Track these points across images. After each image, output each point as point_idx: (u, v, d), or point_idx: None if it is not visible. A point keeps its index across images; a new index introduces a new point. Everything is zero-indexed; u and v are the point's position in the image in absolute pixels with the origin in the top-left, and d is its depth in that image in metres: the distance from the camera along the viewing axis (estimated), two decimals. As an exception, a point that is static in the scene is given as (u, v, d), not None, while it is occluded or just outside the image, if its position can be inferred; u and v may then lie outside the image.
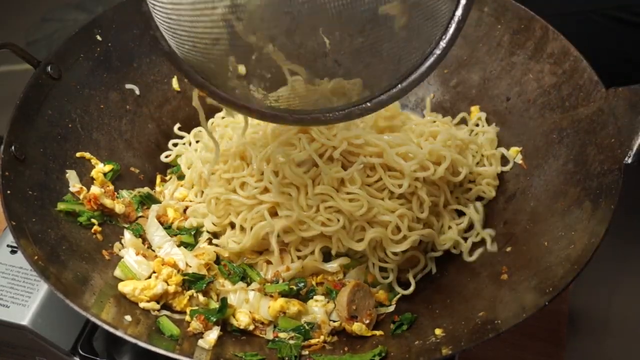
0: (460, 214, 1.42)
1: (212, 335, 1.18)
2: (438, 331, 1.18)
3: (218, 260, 1.34)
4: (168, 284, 1.24)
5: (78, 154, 1.39)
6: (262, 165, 1.29)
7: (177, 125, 1.57)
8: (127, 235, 1.33)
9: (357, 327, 1.23)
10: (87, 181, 1.38)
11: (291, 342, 1.21)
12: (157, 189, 1.48)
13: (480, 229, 1.38)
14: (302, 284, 1.29)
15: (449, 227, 1.38)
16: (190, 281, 1.27)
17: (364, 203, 1.27)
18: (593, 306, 1.74)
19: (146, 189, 1.44)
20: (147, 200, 1.41)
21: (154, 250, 1.33)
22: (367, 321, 1.24)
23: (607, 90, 1.27)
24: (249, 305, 1.27)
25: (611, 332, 1.74)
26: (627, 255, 1.85)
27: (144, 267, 1.26)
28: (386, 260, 1.32)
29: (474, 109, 1.52)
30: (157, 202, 1.43)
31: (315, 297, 1.29)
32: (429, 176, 1.33)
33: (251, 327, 1.24)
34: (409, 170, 1.30)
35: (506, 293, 1.20)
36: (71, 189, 1.34)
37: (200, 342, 1.17)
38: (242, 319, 1.24)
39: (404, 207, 1.31)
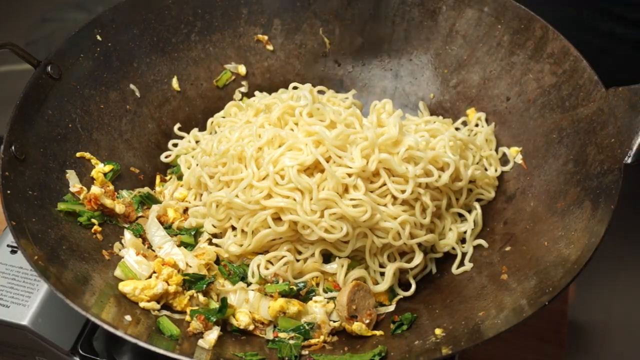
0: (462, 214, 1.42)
1: (212, 335, 1.18)
2: (438, 331, 1.18)
3: (218, 260, 1.34)
4: (168, 284, 1.24)
5: (78, 154, 1.39)
6: (268, 167, 1.29)
7: (177, 125, 1.57)
8: (127, 235, 1.33)
9: (357, 327, 1.23)
10: (87, 181, 1.38)
11: (291, 342, 1.21)
12: (157, 189, 1.48)
13: (471, 242, 1.38)
14: (302, 284, 1.29)
15: (450, 230, 1.38)
16: (191, 281, 1.26)
17: (368, 209, 1.26)
18: (594, 306, 1.74)
19: (146, 189, 1.44)
20: (147, 201, 1.41)
21: (154, 251, 1.33)
22: (367, 321, 1.24)
23: (607, 90, 1.27)
24: (248, 305, 1.26)
25: (611, 331, 1.74)
26: (627, 256, 1.84)
27: (144, 267, 1.26)
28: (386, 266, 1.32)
29: (470, 111, 1.52)
30: (157, 202, 1.43)
31: (315, 297, 1.29)
32: (433, 182, 1.33)
33: (251, 327, 1.24)
34: (412, 175, 1.29)
35: (506, 293, 1.20)
36: (71, 189, 1.33)
37: (200, 342, 1.17)
38: (242, 319, 1.23)
39: (406, 213, 1.30)
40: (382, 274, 1.31)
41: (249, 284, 1.30)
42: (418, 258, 1.32)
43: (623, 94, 1.23)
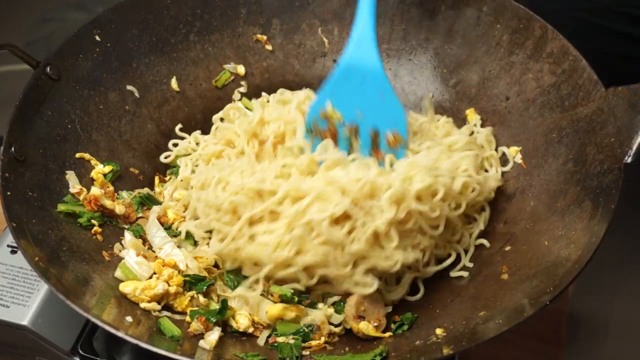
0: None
1: (213, 335, 1.18)
2: (439, 331, 1.18)
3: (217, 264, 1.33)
4: (169, 285, 1.24)
5: (78, 155, 1.39)
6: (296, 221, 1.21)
7: (179, 125, 1.57)
8: (128, 236, 1.33)
9: (363, 326, 1.21)
10: (87, 182, 1.37)
11: (292, 342, 1.20)
12: (157, 189, 1.47)
13: (473, 242, 1.37)
14: (305, 296, 1.26)
15: (462, 235, 1.37)
16: (191, 282, 1.26)
17: (400, 260, 1.23)
18: (594, 307, 1.74)
19: (146, 190, 1.43)
20: (147, 201, 1.41)
21: (154, 252, 1.33)
22: (376, 324, 1.23)
23: (606, 89, 1.27)
24: (248, 308, 1.25)
25: (611, 332, 1.74)
26: (628, 256, 1.84)
27: (144, 268, 1.26)
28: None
29: (470, 111, 1.52)
30: (157, 202, 1.43)
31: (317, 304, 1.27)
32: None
33: (250, 330, 1.23)
34: (446, 213, 1.27)
35: (506, 293, 1.20)
36: (71, 190, 1.33)
37: (201, 342, 1.17)
38: (241, 322, 1.23)
39: (432, 239, 1.29)
40: (397, 279, 1.30)
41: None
42: (434, 268, 1.32)
43: (622, 93, 1.23)
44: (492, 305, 1.19)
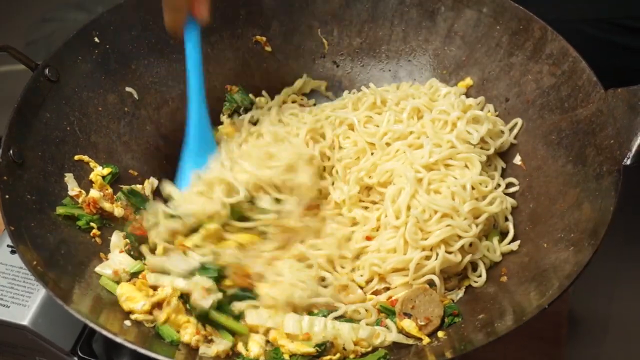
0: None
1: (219, 346, 1.15)
2: (440, 334, 1.18)
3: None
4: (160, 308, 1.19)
5: (76, 157, 1.39)
6: None
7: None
8: (114, 238, 1.31)
9: (406, 324, 1.19)
10: (85, 184, 1.37)
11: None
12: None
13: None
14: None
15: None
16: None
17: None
18: (593, 307, 1.75)
19: (127, 187, 1.41)
20: (131, 197, 1.39)
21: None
22: (422, 323, 1.19)
23: (606, 91, 1.26)
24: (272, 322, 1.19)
25: (611, 332, 1.74)
26: (626, 257, 1.84)
27: (124, 267, 1.24)
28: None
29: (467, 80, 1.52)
30: (143, 198, 1.41)
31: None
32: None
33: (261, 358, 1.16)
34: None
35: (506, 295, 1.21)
36: (70, 192, 1.33)
37: (203, 348, 1.15)
38: (253, 349, 1.15)
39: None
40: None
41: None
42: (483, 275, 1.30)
43: (622, 95, 1.22)
44: (491, 307, 1.19)
